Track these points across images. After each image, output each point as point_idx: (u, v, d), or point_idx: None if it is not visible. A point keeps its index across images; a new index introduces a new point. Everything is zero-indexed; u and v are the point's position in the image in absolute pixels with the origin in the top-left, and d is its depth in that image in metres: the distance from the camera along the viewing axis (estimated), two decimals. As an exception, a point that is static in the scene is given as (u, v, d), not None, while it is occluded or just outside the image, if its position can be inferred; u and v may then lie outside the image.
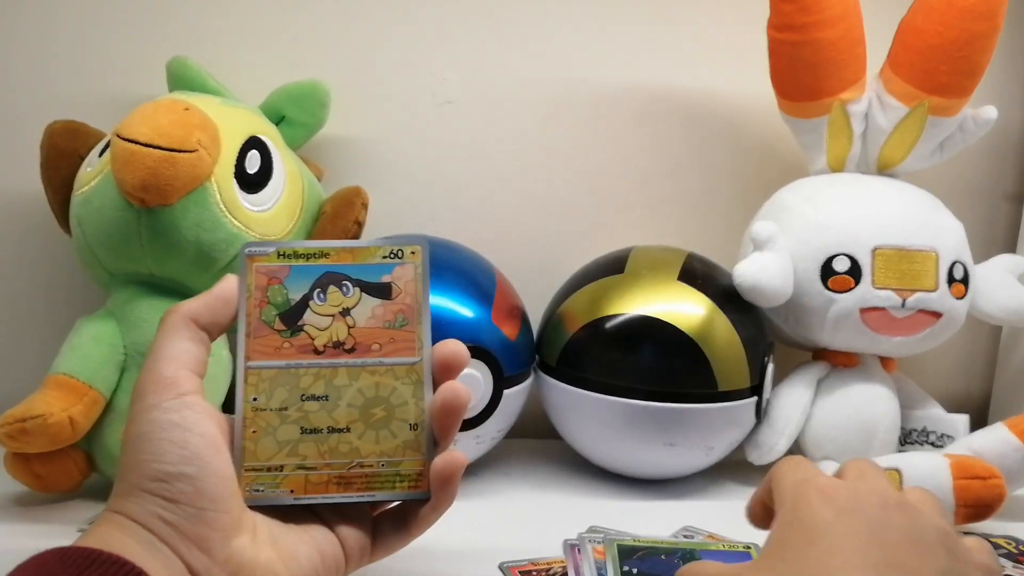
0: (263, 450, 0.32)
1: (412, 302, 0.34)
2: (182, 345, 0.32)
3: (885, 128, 0.61)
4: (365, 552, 0.34)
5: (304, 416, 0.33)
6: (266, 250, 0.34)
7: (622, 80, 0.69)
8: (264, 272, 0.34)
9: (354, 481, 0.33)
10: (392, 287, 0.34)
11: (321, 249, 0.34)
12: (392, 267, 0.35)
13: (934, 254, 0.57)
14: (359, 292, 0.34)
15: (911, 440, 0.62)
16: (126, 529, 0.29)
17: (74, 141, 0.53)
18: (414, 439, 0.33)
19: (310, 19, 0.65)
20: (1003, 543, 0.51)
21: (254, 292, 0.34)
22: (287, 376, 0.33)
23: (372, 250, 0.35)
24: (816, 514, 0.28)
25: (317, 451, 0.33)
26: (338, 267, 0.34)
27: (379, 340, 0.34)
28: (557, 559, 0.45)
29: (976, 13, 0.56)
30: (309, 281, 0.34)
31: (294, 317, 0.34)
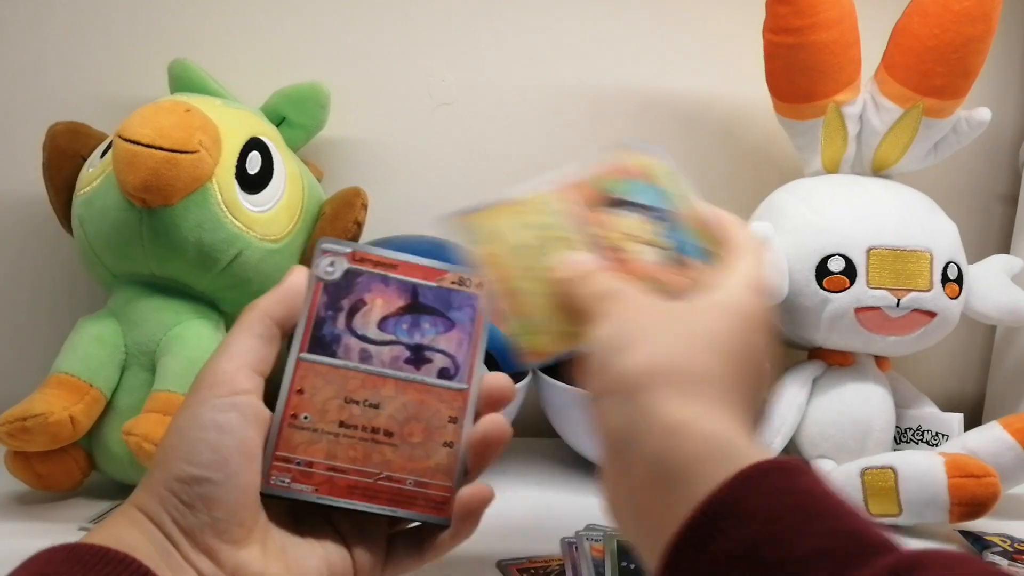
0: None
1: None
2: (250, 342, 0.31)
3: (880, 130, 0.61)
4: (376, 570, 0.33)
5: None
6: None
7: (619, 82, 0.69)
8: None
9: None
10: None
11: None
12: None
13: (928, 254, 0.57)
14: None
15: (906, 439, 0.62)
16: (141, 527, 0.29)
17: (76, 142, 0.54)
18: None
19: (310, 22, 0.65)
20: (998, 541, 0.51)
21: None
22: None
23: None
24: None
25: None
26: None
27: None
28: (555, 557, 0.45)
29: (971, 16, 0.56)
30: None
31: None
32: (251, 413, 0.30)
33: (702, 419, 0.26)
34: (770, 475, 0.24)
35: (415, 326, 0.34)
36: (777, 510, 0.23)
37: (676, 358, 0.28)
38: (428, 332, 0.34)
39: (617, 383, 0.28)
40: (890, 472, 0.52)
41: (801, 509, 0.23)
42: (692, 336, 0.29)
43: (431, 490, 0.33)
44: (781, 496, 0.23)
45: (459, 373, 0.34)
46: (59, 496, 0.51)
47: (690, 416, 0.26)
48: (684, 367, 0.28)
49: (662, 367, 0.28)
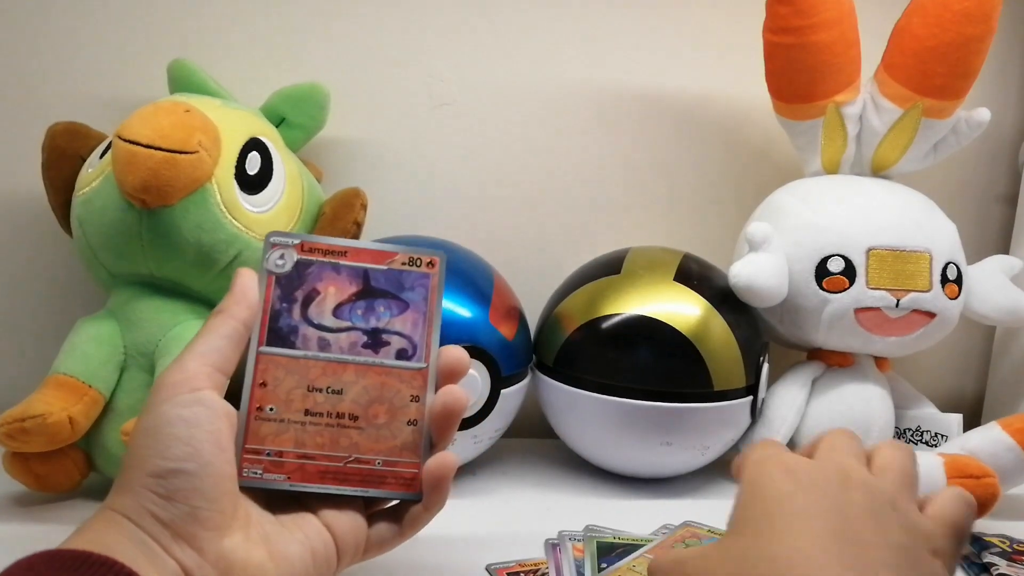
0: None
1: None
2: (213, 342, 0.32)
3: (879, 130, 0.61)
4: (358, 550, 0.34)
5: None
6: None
7: (619, 81, 0.69)
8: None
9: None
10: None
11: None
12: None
13: (928, 255, 0.57)
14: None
15: (905, 440, 0.62)
16: (119, 527, 0.29)
17: (75, 142, 0.54)
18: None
19: (310, 22, 0.65)
20: (997, 542, 0.51)
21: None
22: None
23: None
24: (776, 488, 0.29)
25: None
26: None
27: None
28: (543, 560, 0.45)
29: (971, 16, 0.56)
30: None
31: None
32: (217, 406, 0.31)
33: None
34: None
35: (370, 310, 0.35)
36: None
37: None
38: (383, 315, 0.35)
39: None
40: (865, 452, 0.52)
41: None
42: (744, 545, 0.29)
43: (400, 468, 0.34)
44: None
45: (416, 353, 0.35)
46: (58, 497, 0.51)
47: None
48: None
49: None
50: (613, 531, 0.48)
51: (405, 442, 0.34)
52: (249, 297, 0.34)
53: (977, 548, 0.50)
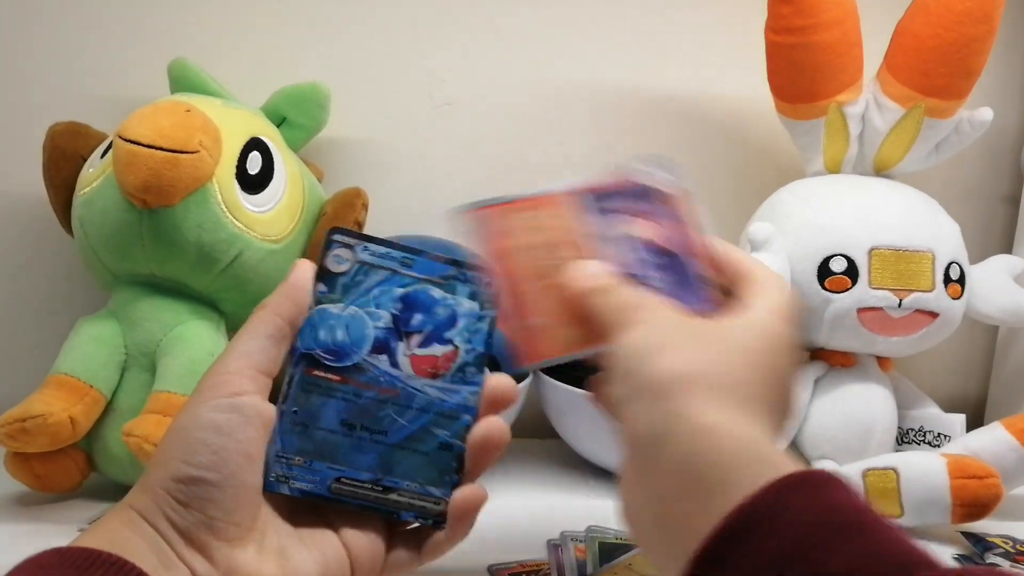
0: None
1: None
2: (257, 343, 0.31)
3: (882, 130, 0.61)
4: (375, 572, 0.33)
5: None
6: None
7: (620, 82, 0.69)
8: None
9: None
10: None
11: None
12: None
13: (931, 255, 0.57)
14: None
15: (908, 439, 0.62)
16: (135, 526, 0.28)
17: (76, 142, 0.54)
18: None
19: (310, 22, 0.65)
20: (1000, 542, 0.51)
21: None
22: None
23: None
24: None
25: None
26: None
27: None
28: (545, 560, 0.45)
29: (973, 16, 0.56)
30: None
31: None
32: (253, 414, 0.30)
33: (734, 424, 0.26)
34: (803, 487, 0.24)
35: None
36: (810, 525, 0.22)
37: (710, 365, 0.28)
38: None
39: (648, 385, 0.28)
40: (892, 473, 0.52)
41: (835, 525, 0.23)
42: (726, 347, 0.29)
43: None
44: (814, 511, 0.23)
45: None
46: (59, 497, 0.51)
47: (722, 420, 0.26)
48: (717, 373, 0.28)
49: (695, 371, 0.28)
50: (616, 531, 0.48)
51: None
52: (300, 294, 0.32)
53: (980, 549, 0.50)
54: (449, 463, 0.33)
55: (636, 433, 0.28)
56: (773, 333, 0.30)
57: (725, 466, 0.25)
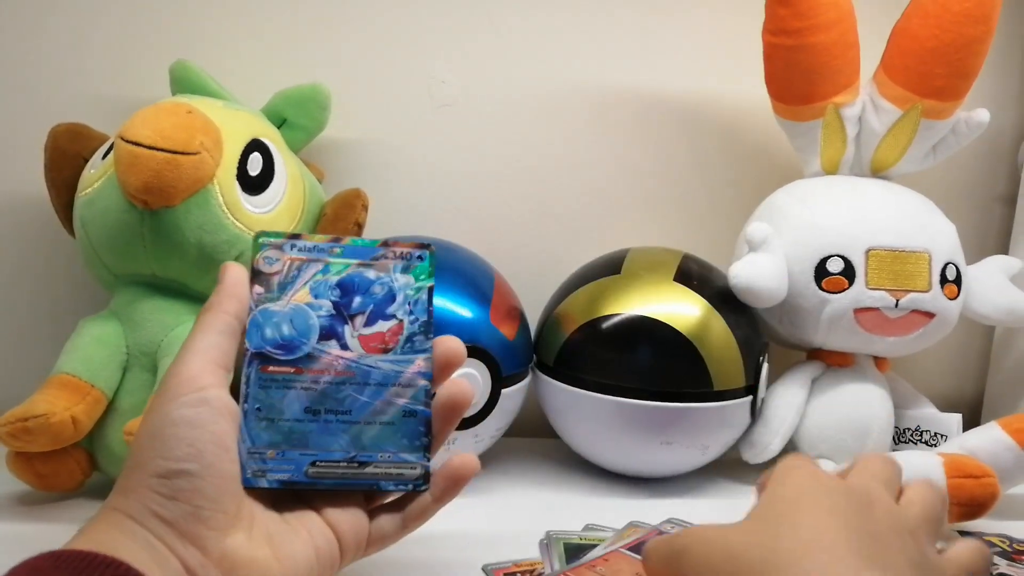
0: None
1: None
2: (211, 338, 0.32)
3: (879, 131, 0.61)
4: (361, 545, 0.34)
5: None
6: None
7: (619, 83, 0.69)
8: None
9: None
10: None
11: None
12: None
13: (927, 255, 0.57)
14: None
15: (905, 439, 0.62)
16: (123, 527, 0.29)
17: (78, 143, 0.54)
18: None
19: (311, 23, 0.65)
20: (997, 541, 0.51)
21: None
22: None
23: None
24: (801, 485, 0.29)
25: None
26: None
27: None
28: (539, 560, 0.45)
29: (970, 17, 0.56)
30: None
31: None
32: (220, 406, 0.31)
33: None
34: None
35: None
36: None
37: (754, 550, 0.27)
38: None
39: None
40: (895, 480, 0.52)
41: None
42: (765, 526, 0.28)
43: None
44: None
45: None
46: (60, 497, 0.51)
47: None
48: (759, 553, 0.27)
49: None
50: (615, 530, 0.49)
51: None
52: (239, 291, 0.34)
53: (976, 548, 0.50)
54: (417, 428, 0.34)
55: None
56: (805, 489, 0.29)
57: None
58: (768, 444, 0.58)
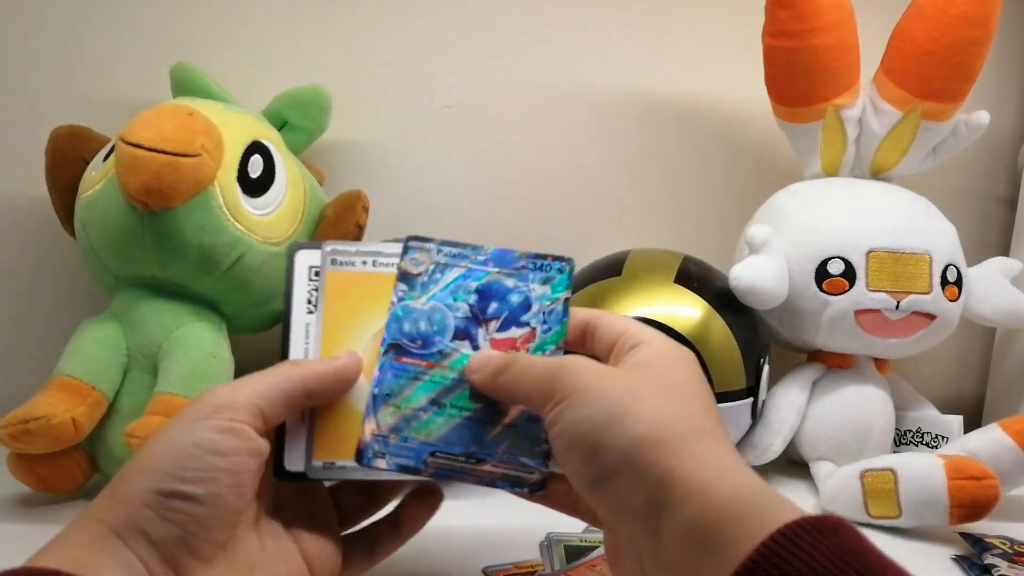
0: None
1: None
2: (271, 390, 0.31)
3: (879, 133, 0.61)
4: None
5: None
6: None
7: (619, 85, 0.70)
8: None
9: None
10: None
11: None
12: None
13: (928, 257, 0.57)
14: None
15: (906, 441, 0.62)
16: (103, 544, 0.27)
17: (79, 146, 0.54)
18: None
19: (312, 26, 0.65)
20: (998, 543, 0.51)
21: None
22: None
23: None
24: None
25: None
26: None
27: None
28: (539, 561, 0.45)
29: (970, 20, 0.57)
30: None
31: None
32: (250, 442, 0.30)
33: (721, 473, 0.26)
34: (809, 533, 0.23)
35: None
36: (820, 572, 0.22)
37: (672, 416, 0.28)
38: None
39: (627, 455, 0.27)
40: (890, 474, 0.52)
41: (848, 571, 0.22)
42: (672, 391, 0.29)
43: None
44: (823, 556, 0.23)
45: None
46: (61, 498, 0.51)
47: (710, 473, 0.26)
48: (681, 421, 0.28)
49: (665, 428, 0.27)
50: (580, 534, 0.48)
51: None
52: (342, 378, 0.33)
53: (978, 550, 0.50)
54: (538, 434, 0.34)
55: (630, 508, 0.27)
56: (686, 356, 0.31)
57: (731, 521, 0.24)
58: (769, 446, 0.58)
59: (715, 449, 0.27)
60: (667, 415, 0.28)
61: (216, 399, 0.30)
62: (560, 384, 0.30)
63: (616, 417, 0.28)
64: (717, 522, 0.25)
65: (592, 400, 0.29)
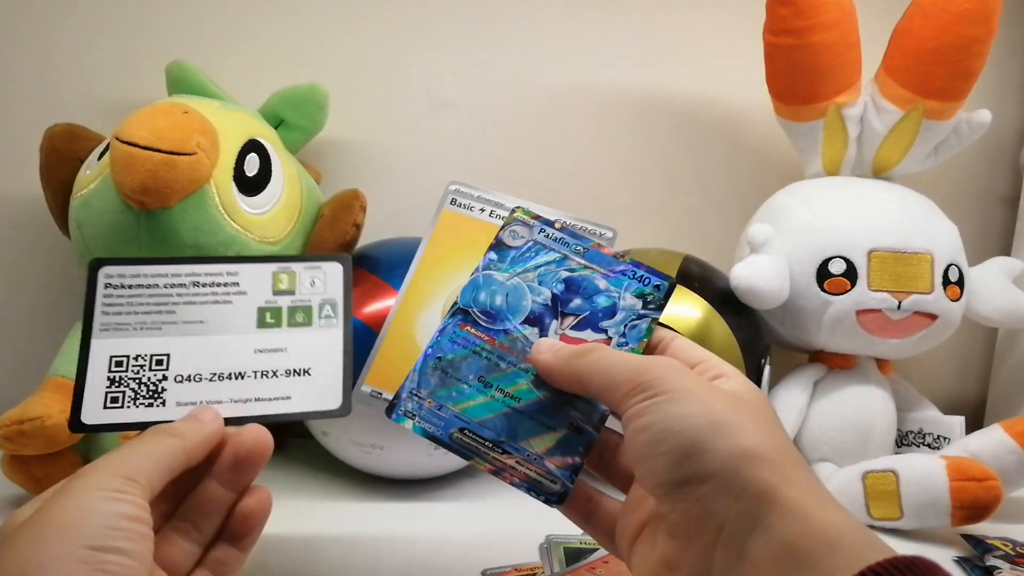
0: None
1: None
2: (163, 469, 0.31)
3: (880, 131, 0.61)
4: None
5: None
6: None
7: (619, 84, 0.69)
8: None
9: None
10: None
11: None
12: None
13: (929, 256, 0.57)
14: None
15: (907, 442, 0.62)
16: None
17: (73, 144, 0.54)
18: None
19: (309, 23, 0.65)
20: (1000, 544, 0.51)
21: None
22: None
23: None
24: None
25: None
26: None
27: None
28: (539, 563, 0.45)
29: (971, 18, 0.56)
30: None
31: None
32: (148, 512, 0.29)
33: (818, 502, 0.26)
34: (903, 573, 0.23)
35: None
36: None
37: (769, 438, 0.28)
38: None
39: (728, 464, 0.26)
40: (891, 475, 0.52)
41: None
42: (767, 418, 0.29)
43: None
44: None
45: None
46: (56, 500, 0.51)
47: (808, 499, 0.26)
48: (780, 451, 0.27)
49: (772, 449, 0.27)
50: (579, 536, 0.48)
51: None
52: (212, 441, 0.32)
53: (980, 551, 0.50)
54: (576, 446, 0.32)
55: (715, 518, 0.26)
56: (764, 397, 0.30)
57: (826, 550, 0.24)
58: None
59: (815, 480, 0.27)
60: (769, 438, 0.27)
61: (121, 471, 0.29)
62: (659, 378, 0.28)
63: (724, 424, 0.27)
64: (818, 548, 0.24)
65: (697, 401, 0.28)
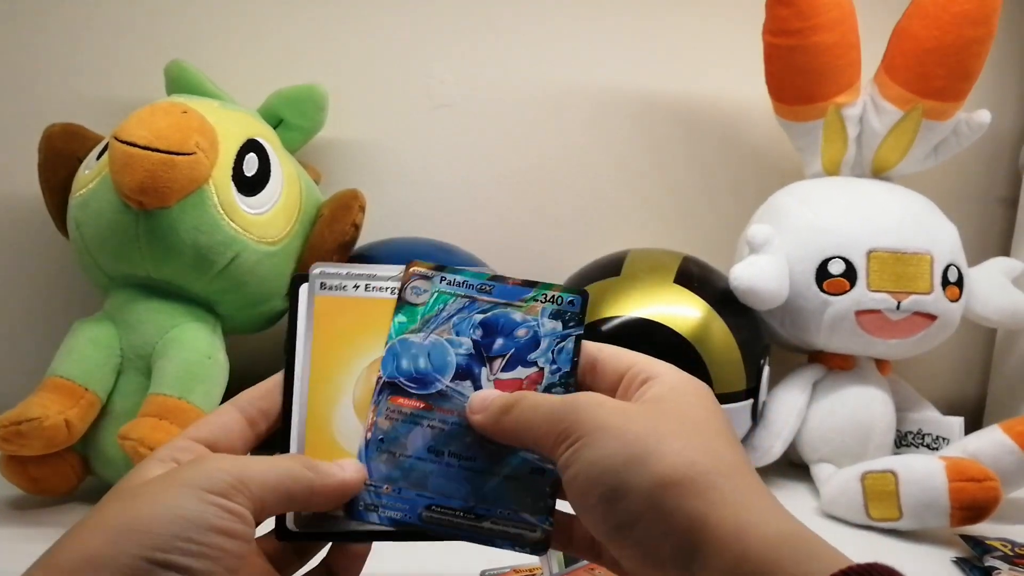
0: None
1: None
2: (281, 492, 0.28)
3: (880, 132, 0.61)
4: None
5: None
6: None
7: (619, 84, 0.69)
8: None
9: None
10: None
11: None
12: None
13: (929, 257, 0.57)
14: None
15: (906, 442, 0.62)
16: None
17: (72, 144, 0.54)
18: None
19: (308, 23, 0.65)
20: (999, 545, 0.51)
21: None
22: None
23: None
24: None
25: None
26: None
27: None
28: (538, 565, 0.45)
29: (971, 18, 0.56)
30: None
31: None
32: (252, 530, 0.27)
33: (758, 516, 0.24)
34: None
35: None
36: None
37: (697, 455, 0.26)
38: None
39: (650, 500, 0.25)
40: (891, 476, 0.52)
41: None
42: (693, 428, 0.27)
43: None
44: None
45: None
46: (54, 501, 0.50)
47: (746, 516, 0.24)
48: (710, 462, 0.26)
49: (691, 468, 0.25)
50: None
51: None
52: (345, 493, 0.30)
53: (979, 552, 0.50)
54: (543, 488, 0.31)
55: (655, 557, 0.25)
56: (703, 391, 0.29)
57: (772, 570, 0.23)
58: (770, 447, 0.58)
59: (746, 489, 0.25)
60: (691, 453, 0.26)
61: (227, 476, 0.27)
62: (574, 422, 0.27)
63: (637, 457, 0.26)
64: (757, 572, 0.23)
65: (610, 439, 0.26)
